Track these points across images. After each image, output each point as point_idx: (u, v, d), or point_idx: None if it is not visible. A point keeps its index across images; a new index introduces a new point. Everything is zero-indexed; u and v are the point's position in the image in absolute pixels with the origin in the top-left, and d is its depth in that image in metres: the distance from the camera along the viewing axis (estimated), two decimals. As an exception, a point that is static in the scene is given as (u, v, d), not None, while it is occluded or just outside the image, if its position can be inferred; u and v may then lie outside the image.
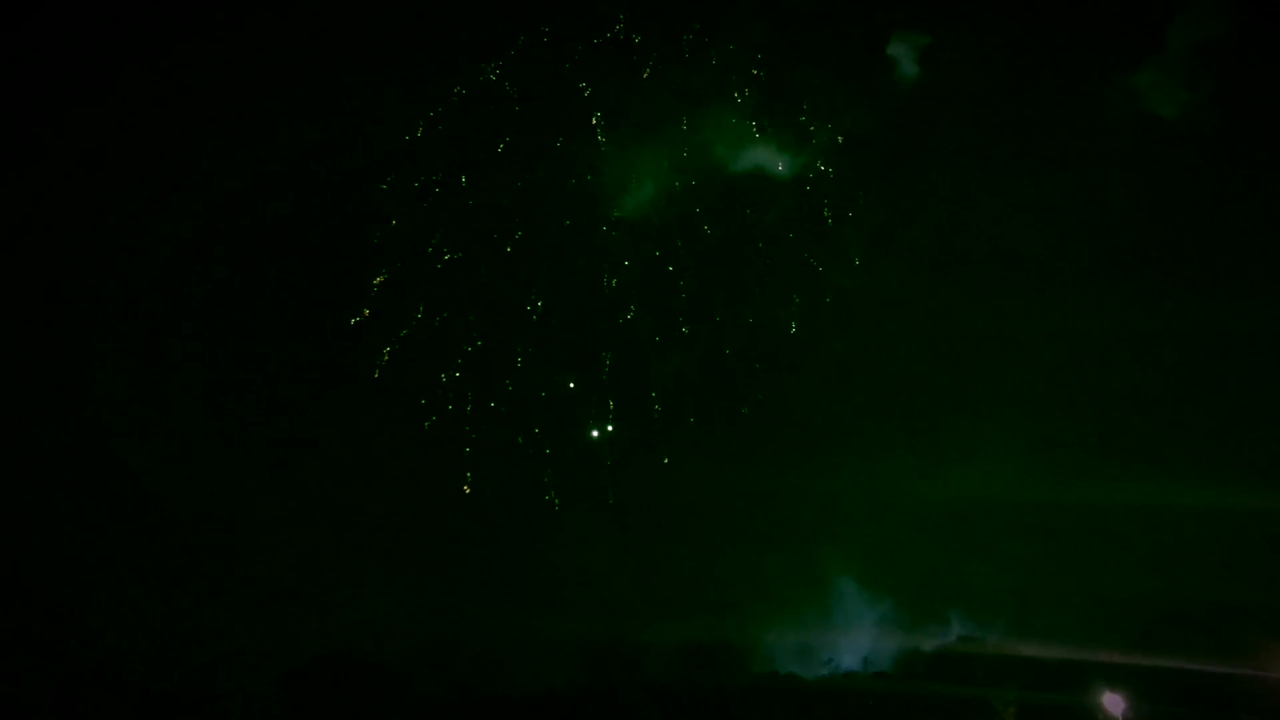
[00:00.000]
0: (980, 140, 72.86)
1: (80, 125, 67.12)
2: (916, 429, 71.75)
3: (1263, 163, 69.82)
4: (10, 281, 66.48)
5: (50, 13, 66.72)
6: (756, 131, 70.76)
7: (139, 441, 66.94)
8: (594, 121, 70.49)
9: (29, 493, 65.31)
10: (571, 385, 69.38)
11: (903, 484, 69.36)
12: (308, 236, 68.78)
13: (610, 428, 69.48)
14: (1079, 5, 71.56)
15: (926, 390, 72.28)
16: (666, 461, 70.23)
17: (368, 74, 69.91)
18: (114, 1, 67.20)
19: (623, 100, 70.81)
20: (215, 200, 69.08)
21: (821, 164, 72.07)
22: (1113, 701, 56.73)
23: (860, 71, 72.44)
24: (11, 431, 65.80)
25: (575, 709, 63.47)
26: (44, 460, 65.84)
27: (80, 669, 60.00)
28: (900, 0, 74.16)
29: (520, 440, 69.68)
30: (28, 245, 66.87)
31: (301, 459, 68.64)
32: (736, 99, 71.49)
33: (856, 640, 67.94)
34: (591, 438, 69.86)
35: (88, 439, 66.18)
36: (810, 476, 70.40)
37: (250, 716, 61.87)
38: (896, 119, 72.52)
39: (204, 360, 69.26)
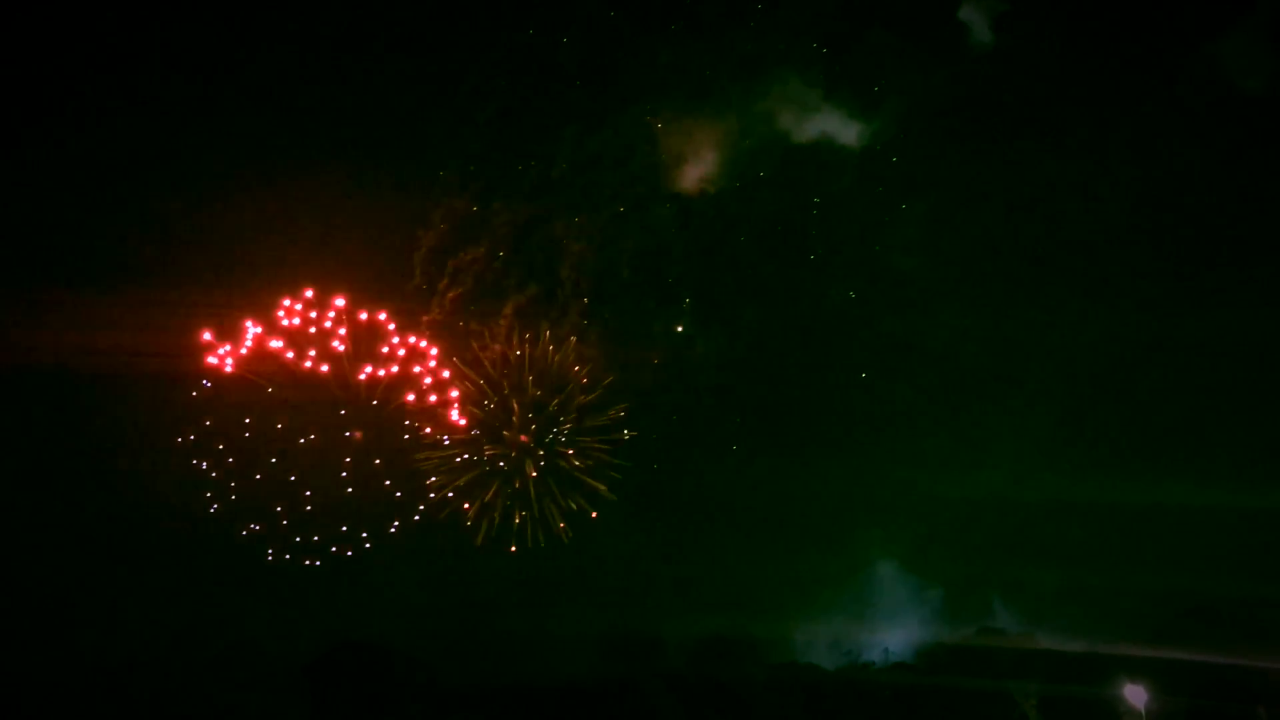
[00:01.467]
0: (1055, 116, 69.35)
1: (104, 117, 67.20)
2: (956, 420, 70.59)
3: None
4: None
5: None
6: (822, 101, 68.60)
7: (156, 434, 66.24)
8: (651, 91, 68.38)
9: (45, 488, 65.11)
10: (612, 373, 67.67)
11: (937, 474, 68.71)
12: (357, 210, 67.04)
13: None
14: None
15: (972, 380, 70.65)
16: (706, 450, 69.85)
17: (417, 46, 68.63)
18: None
19: (682, 68, 68.35)
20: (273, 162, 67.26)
21: (888, 136, 69.71)
22: (1135, 693, 56.56)
23: (932, 38, 68.86)
24: (31, 426, 65.55)
25: (595, 699, 63.49)
26: (62, 454, 65.40)
27: (101, 661, 60.09)
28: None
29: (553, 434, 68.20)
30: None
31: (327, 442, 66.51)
32: (802, 66, 68.97)
33: (879, 631, 67.86)
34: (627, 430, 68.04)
35: (106, 430, 65.64)
36: (847, 464, 69.67)
37: (271, 705, 61.98)
38: (967, 91, 69.16)
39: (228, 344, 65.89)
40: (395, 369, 65.69)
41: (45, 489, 65.04)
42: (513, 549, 66.63)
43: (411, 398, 65.63)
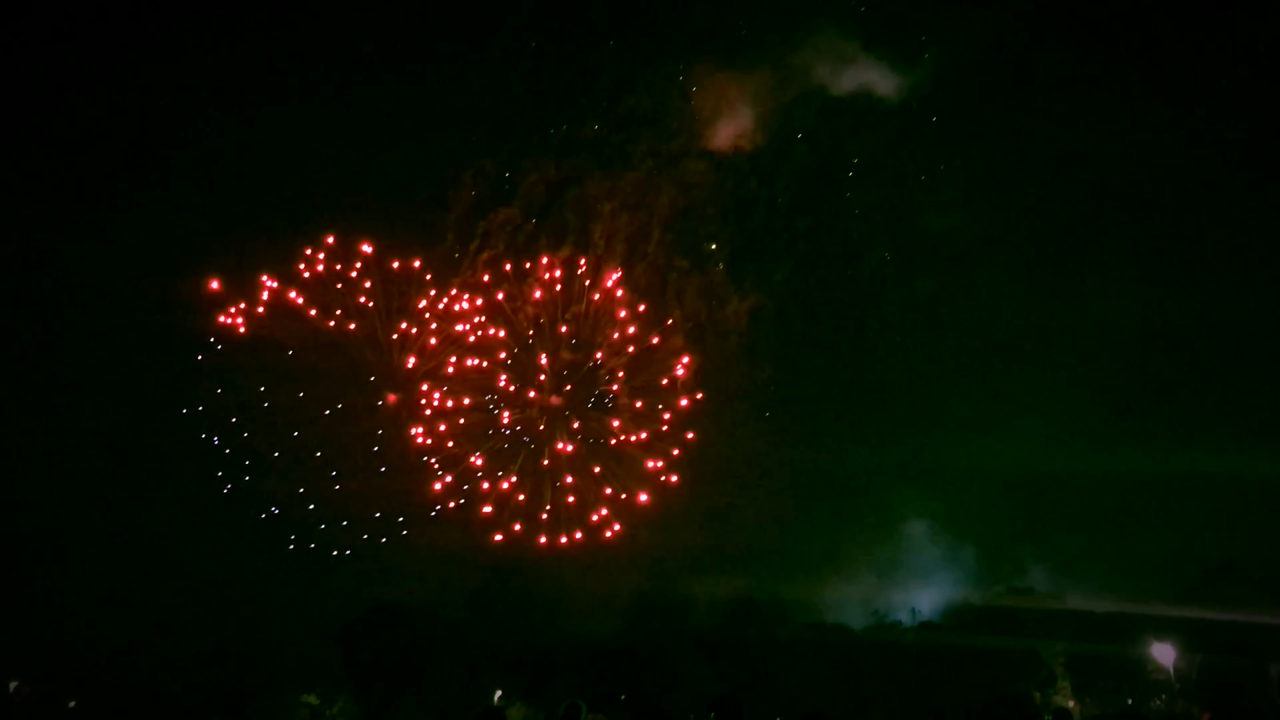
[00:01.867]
0: (1099, 73, 66.95)
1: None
2: (990, 382, 70.16)
3: None
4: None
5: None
6: (859, 54, 65.49)
7: (158, 404, 64.18)
8: (684, 46, 65.48)
9: (92, 461, 63.59)
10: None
11: (970, 435, 68.39)
12: (385, 163, 64.75)
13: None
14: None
15: (1007, 343, 69.92)
16: (738, 411, 67.33)
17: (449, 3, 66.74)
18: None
19: (716, 21, 65.50)
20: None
21: (926, 91, 66.68)
22: (1162, 652, 57.01)
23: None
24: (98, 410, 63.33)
25: (622, 659, 63.82)
26: (115, 433, 63.31)
27: (142, 620, 60.01)
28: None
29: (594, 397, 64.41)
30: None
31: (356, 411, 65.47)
32: (839, 19, 66.02)
33: (908, 591, 67.95)
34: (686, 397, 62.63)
35: (100, 400, 63.65)
36: (881, 425, 69.19)
37: (307, 665, 62.20)
38: (1007, 46, 66.19)
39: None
40: (434, 325, 59.54)
41: (35, 454, 62.88)
42: (542, 540, 60.67)
43: (454, 359, 59.84)
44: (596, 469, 61.25)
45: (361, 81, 67.64)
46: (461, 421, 60.12)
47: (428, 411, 59.11)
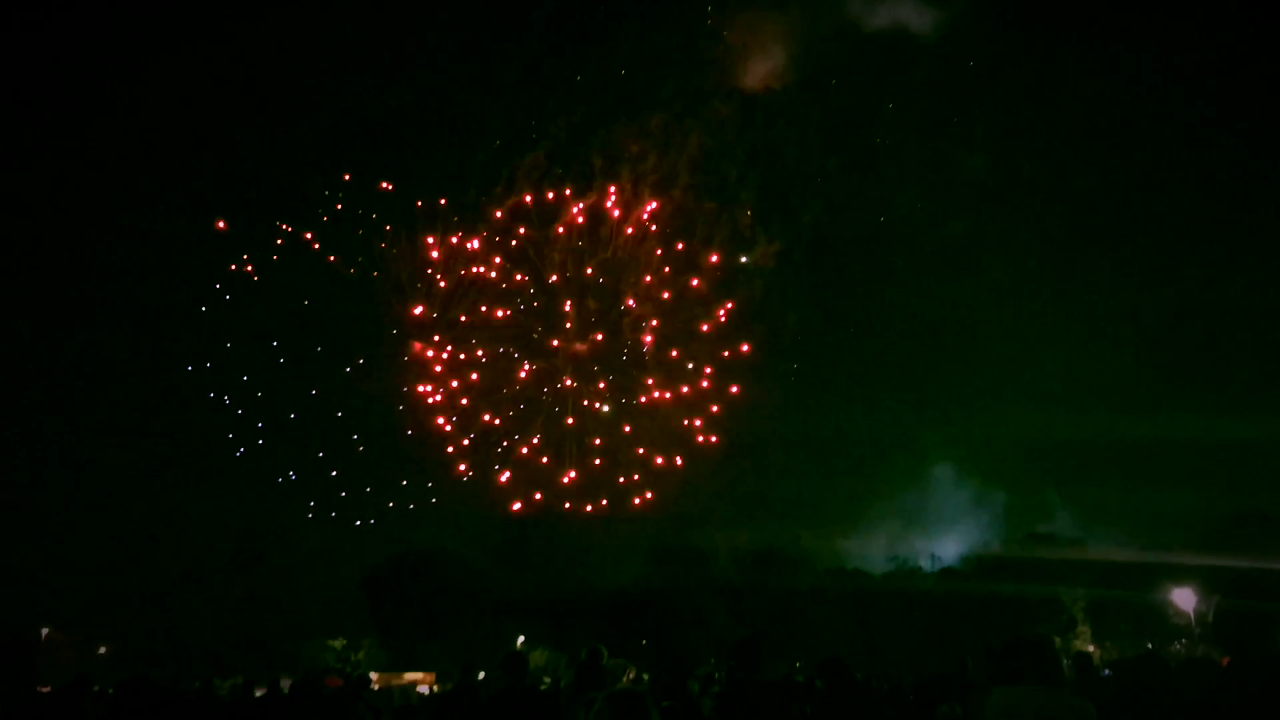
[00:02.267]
0: (1138, 13, 65.80)
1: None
2: (1021, 327, 69.24)
3: None
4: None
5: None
6: None
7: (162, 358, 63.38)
8: None
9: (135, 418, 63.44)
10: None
11: (999, 380, 67.79)
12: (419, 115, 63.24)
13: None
14: None
15: (1036, 288, 68.81)
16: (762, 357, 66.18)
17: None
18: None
19: None
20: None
21: (962, 29, 64.66)
22: (1183, 597, 56.81)
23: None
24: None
25: (642, 606, 64.28)
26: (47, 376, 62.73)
27: (170, 570, 60.96)
28: None
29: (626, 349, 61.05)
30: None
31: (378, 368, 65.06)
32: None
33: (928, 537, 68.04)
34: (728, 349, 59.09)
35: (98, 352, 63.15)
36: (909, 369, 68.54)
37: (331, 614, 63.06)
38: None
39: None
40: (463, 272, 55.02)
41: (51, 410, 63.33)
42: (566, 506, 57.43)
43: (481, 308, 55.70)
44: (626, 428, 57.32)
45: (381, 25, 66.51)
46: (474, 377, 56.88)
47: (438, 368, 55.75)
